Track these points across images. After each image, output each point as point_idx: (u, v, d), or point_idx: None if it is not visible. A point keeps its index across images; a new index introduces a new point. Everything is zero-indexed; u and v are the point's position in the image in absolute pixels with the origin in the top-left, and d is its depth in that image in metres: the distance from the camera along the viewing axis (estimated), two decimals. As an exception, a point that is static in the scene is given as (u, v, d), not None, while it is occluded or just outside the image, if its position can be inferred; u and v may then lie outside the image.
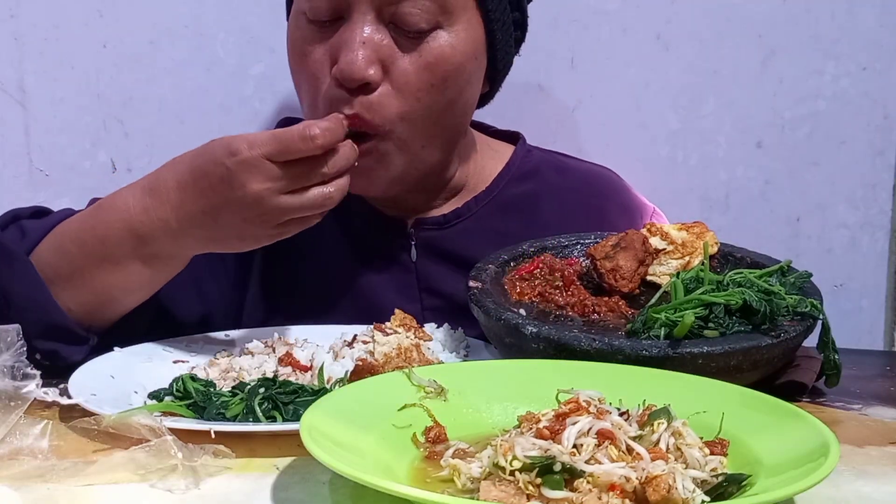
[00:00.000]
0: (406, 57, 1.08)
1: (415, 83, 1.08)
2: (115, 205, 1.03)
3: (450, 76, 1.10)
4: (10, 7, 1.40)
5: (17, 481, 0.73)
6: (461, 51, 1.10)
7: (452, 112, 1.13)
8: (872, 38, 1.56)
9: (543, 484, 0.64)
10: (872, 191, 1.60)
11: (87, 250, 1.03)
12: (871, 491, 0.74)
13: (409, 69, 1.08)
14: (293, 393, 0.89)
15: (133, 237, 1.01)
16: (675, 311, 0.92)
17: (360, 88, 1.07)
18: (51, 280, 1.02)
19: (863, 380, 1.06)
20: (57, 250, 1.04)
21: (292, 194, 0.97)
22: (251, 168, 0.95)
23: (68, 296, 1.03)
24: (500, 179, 1.25)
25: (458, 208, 1.23)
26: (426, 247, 1.22)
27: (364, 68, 1.05)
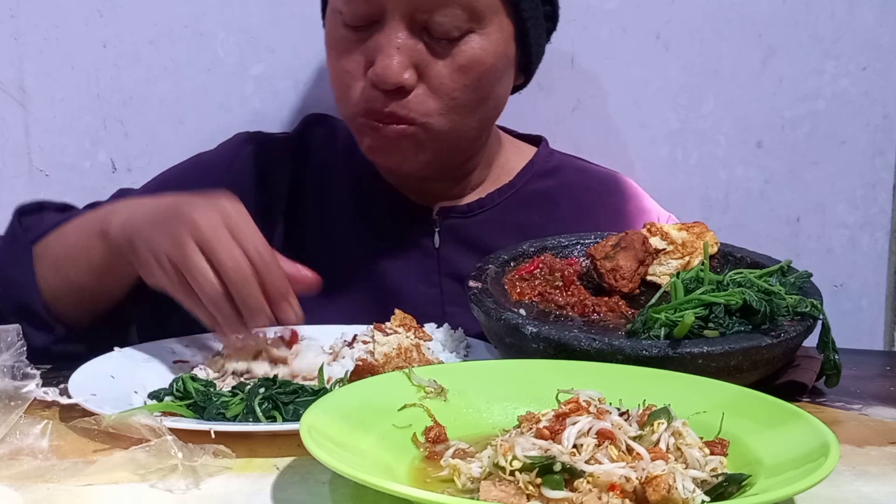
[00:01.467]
0: (439, 62, 1.12)
1: (449, 85, 1.12)
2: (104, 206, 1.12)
3: (483, 76, 1.14)
4: (10, 7, 1.40)
5: (17, 481, 0.73)
6: (493, 52, 1.14)
7: (486, 106, 1.18)
8: (872, 37, 1.56)
9: (543, 484, 0.64)
10: (872, 191, 1.60)
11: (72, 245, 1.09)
12: (871, 491, 0.74)
13: (442, 72, 1.12)
14: (293, 393, 0.89)
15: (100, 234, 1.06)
16: (675, 311, 0.92)
17: (396, 91, 1.11)
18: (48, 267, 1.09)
19: (863, 380, 1.06)
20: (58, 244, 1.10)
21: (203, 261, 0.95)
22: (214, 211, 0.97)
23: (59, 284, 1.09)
24: (523, 175, 1.30)
25: (481, 198, 1.27)
26: (449, 234, 1.25)
27: (399, 73, 1.09)
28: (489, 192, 1.28)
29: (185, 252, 0.94)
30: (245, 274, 0.94)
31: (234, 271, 0.93)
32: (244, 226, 0.96)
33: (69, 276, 1.08)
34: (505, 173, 1.30)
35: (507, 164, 1.31)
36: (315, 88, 1.47)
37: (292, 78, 1.47)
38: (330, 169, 1.28)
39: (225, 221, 0.95)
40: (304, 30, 1.46)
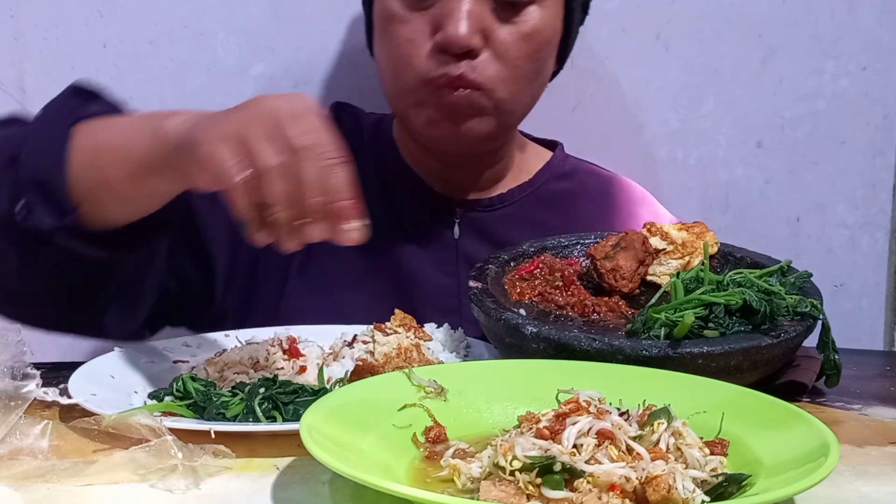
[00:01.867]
0: (505, 28, 1.15)
1: (514, 52, 1.16)
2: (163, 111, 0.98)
3: (542, 48, 1.19)
4: (10, 7, 1.40)
5: (17, 481, 0.73)
6: (550, 25, 1.19)
7: (538, 82, 1.22)
8: (872, 37, 1.56)
9: (543, 484, 0.64)
10: (872, 191, 1.61)
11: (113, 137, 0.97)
12: (871, 491, 0.74)
13: (507, 39, 1.15)
14: (293, 393, 0.89)
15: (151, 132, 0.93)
16: (675, 311, 0.92)
17: (465, 55, 1.13)
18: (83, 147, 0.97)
19: (863, 380, 1.06)
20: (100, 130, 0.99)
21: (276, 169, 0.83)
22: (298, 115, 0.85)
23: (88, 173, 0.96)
24: (542, 175, 1.33)
25: (502, 194, 1.30)
26: (469, 226, 1.27)
27: (470, 36, 1.12)
28: (510, 189, 1.30)
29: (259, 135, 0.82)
30: (322, 151, 0.83)
31: (306, 147, 0.82)
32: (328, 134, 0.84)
33: (102, 168, 0.95)
34: (524, 172, 1.33)
35: (525, 162, 1.34)
36: (315, 88, 1.47)
37: (292, 78, 1.47)
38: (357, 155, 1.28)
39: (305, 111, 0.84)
40: (304, 30, 1.46)
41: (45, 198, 0.95)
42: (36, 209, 0.95)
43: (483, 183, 1.30)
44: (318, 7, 1.46)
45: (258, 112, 0.85)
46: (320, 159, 0.82)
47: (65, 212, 0.95)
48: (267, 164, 0.81)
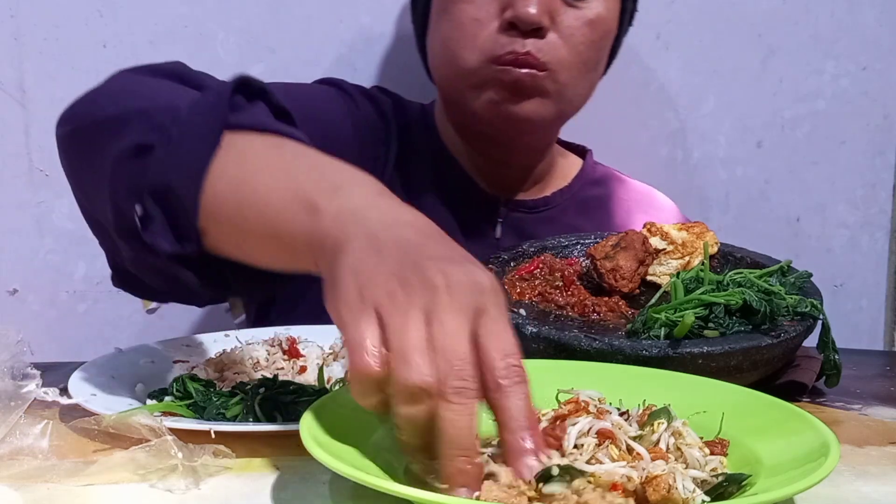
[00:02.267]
0: (571, 12, 1.18)
1: (578, 36, 1.18)
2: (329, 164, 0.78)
3: (603, 37, 1.22)
4: (10, 7, 1.40)
5: (17, 481, 0.73)
6: (612, 17, 1.22)
7: (595, 74, 1.25)
8: (872, 37, 1.56)
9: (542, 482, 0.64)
10: (872, 191, 1.61)
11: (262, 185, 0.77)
12: (871, 491, 0.74)
13: (574, 23, 1.18)
14: (293, 393, 0.89)
15: (310, 207, 0.72)
16: (675, 311, 0.92)
17: (532, 32, 1.15)
18: (226, 177, 0.79)
19: (863, 380, 1.06)
20: (252, 169, 0.79)
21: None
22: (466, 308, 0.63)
23: (223, 202, 0.78)
24: (578, 181, 1.36)
25: (546, 196, 1.33)
26: (512, 227, 1.29)
27: (540, 14, 1.14)
28: (552, 192, 1.33)
29: (406, 314, 0.62)
30: (468, 392, 0.61)
31: (454, 388, 0.60)
32: (499, 322, 0.64)
33: (238, 207, 0.77)
34: (561, 177, 1.36)
35: (562, 168, 1.37)
36: (315, 88, 1.47)
37: (292, 78, 1.46)
38: (407, 143, 1.30)
39: (477, 307, 0.63)
40: (304, 30, 1.46)
41: (169, 215, 0.80)
42: (155, 223, 0.80)
43: (524, 184, 1.32)
44: (318, 7, 1.46)
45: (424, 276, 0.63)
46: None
47: (186, 238, 0.80)
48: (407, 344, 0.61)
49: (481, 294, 0.63)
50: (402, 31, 1.49)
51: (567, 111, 1.24)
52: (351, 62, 1.47)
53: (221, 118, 0.81)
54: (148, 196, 0.79)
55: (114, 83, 0.93)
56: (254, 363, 0.99)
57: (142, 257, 0.83)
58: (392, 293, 0.62)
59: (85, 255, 1.45)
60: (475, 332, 0.62)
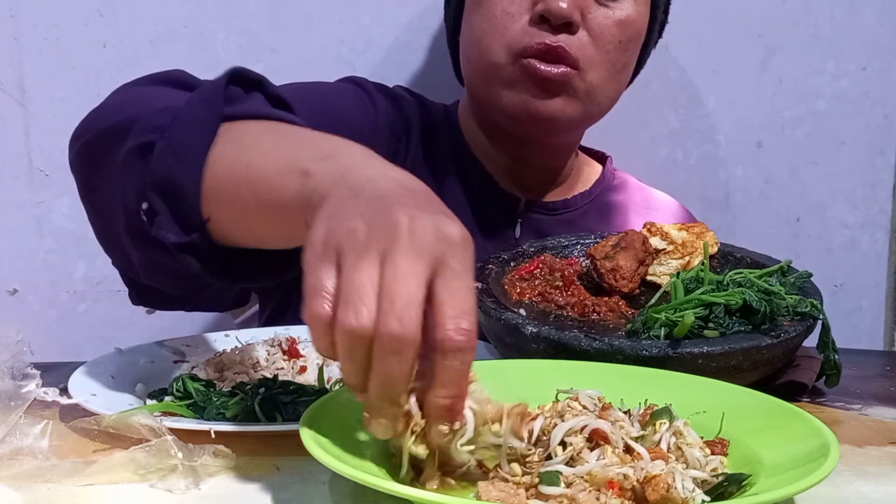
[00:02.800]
0: (601, 10, 1.19)
1: (608, 36, 1.19)
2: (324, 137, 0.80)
3: (632, 39, 1.22)
4: (10, 7, 1.40)
5: (17, 481, 0.73)
6: (641, 20, 1.23)
7: (624, 75, 1.25)
8: (872, 38, 1.56)
9: (540, 482, 0.65)
10: (872, 191, 1.61)
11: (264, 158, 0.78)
12: (871, 491, 0.74)
13: (603, 22, 1.18)
14: (293, 393, 0.89)
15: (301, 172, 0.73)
16: (675, 311, 0.92)
17: (562, 27, 1.16)
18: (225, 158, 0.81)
19: (863, 380, 1.06)
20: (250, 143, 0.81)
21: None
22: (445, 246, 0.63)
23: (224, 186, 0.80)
24: (598, 185, 1.37)
25: (566, 199, 1.33)
26: (531, 227, 1.29)
27: (572, 9, 1.15)
28: (573, 196, 1.34)
29: (361, 253, 0.62)
30: (404, 341, 0.60)
31: (394, 328, 0.60)
32: (459, 276, 0.62)
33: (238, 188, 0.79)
34: (581, 181, 1.36)
35: (582, 172, 1.38)
36: (315, 88, 1.47)
37: (292, 78, 1.46)
38: (429, 141, 1.31)
39: (438, 257, 0.62)
40: (304, 30, 1.46)
41: (173, 206, 0.81)
42: (160, 216, 0.82)
43: (545, 185, 1.33)
44: (318, 7, 1.46)
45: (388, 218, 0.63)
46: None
47: (191, 227, 0.81)
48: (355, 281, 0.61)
49: (447, 245, 0.62)
50: (403, 31, 1.49)
51: (594, 113, 1.24)
52: (351, 62, 1.47)
53: (218, 109, 0.83)
54: (152, 191, 0.81)
55: (116, 97, 0.94)
56: (254, 363, 0.99)
57: (152, 257, 0.84)
58: (353, 232, 0.62)
59: (85, 255, 1.45)
60: (431, 282, 0.61)
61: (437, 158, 1.29)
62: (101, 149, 0.88)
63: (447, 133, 1.31)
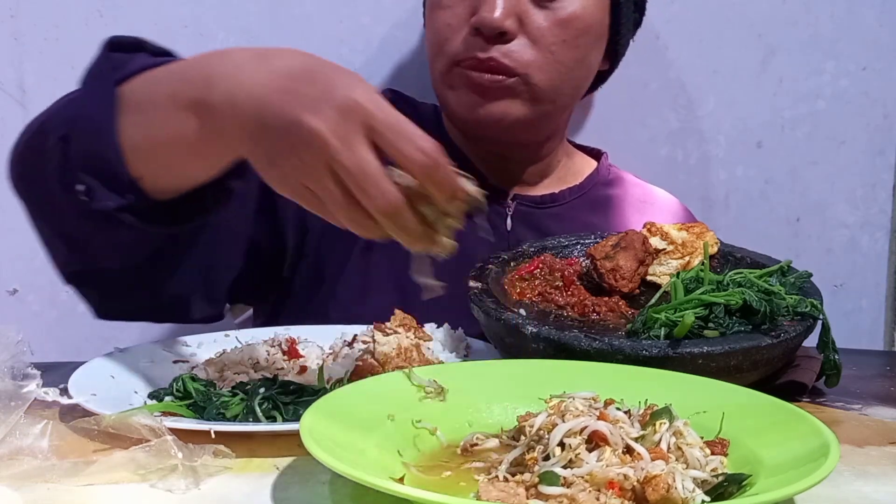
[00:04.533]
0: (541, 13, 1.18)
1: (549, 37, 1.18)
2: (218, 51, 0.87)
3: (581, 35, 1.20)
4: (10, 7, 1.40)
5: (17, 481, 0.73)
6: (591, 13, 1.20)
7: (579, 71, 1.24)
8: (872, 38, 1.56)
9: (540, 482, 0.65)
10: (872, 191, 1.61)
11: (164, 84, 0.88)
12: (871, 491, 0.74)
13: (543, 24, 1.17)
14: (293, 393, 0.89)
15: (204, 78, 0.83)
16: (675, 311, 0.92)
17: (497, 37, 1.16)
18: (130, 117, 0.88)
19: (863, 380, 1.06)
20: (146, 94, 0.89)
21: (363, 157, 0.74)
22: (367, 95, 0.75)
23: (140, 142, 0.87)
24: (590, 180, 1.36)
25: (553, 193, 1.33)
26: (521, 220, 1.29)
27: (503, 18, 1.14)
28: (561, 190, 1.33)
29: (356, 149, 0.73)
30: (437, 162, 0.75)
31: (423, 165, 0.74)
32: (389, 124, 0.75)
33: (153, 136, 0.87)
34: (572, 175, 1.36)
35: (573, 166, 1.37)
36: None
37: (292, 78, 1.47)
38: None
39: (364, 122, 0.74)
40: (304, 30, 1.46)
41: (103, 176, 0.88)
42: (97, 191, 0.88)
43: (531, 179, 1.33)
44: (318, 7, 1.46)
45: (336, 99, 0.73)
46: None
47: (125, 188, 0.88)
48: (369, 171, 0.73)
49: (363, 114, 0.74)
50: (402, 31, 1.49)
51: (550, 111, 1.24)
52: (351, 62, 1.47)
53: (109, 79, 0.89)
54: (81, 172, 0.87)
55: (32, 122, 0.98)
56: (254, 363, 0.99)
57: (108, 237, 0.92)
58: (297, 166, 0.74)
59: (85, 255, 1.45)
60: (374, 146, 0.74)
61: None
62: (31, 160, 0.94)
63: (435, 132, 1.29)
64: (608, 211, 1.35)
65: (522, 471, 0.68)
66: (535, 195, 1.32)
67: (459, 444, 0.77)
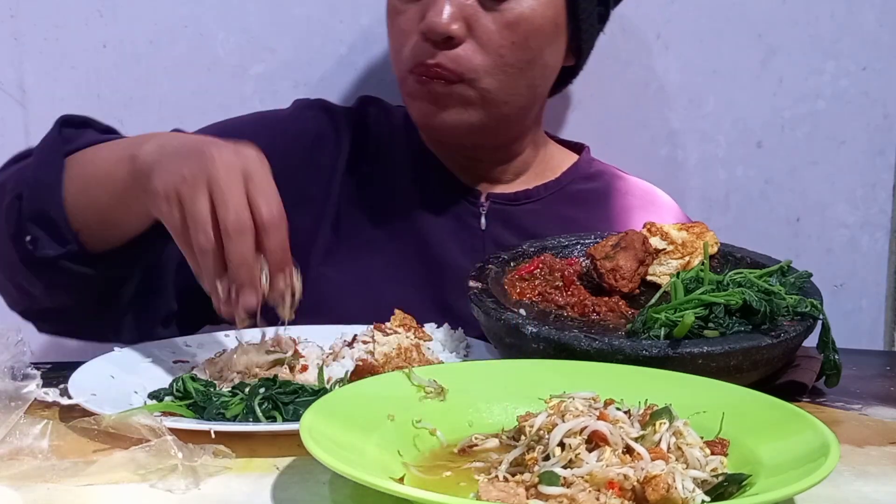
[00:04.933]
0: (489, 15, 1.16)
1: (497, 40, 1.16)
2: (143, 134, 1.08)
3: (530, 36, 1.17)
4: (10, 7, 1.40)
5: (17, 481, 0.73)
6: (541, 14, 1.18)
7: (532, 72, 1.21)
8: (872, 38, 1.56)
9: (541, 482, 0.65)
10: (872, 191, 1.60)
11: (102, 164, 1.05)
12: (871, 491, 0.74)
13: (491, 27, 1.16)
14: (293, 393, 0.89)
15: (129, 157, 1.01)
16: (675, 311, 0.92)
17: (445, 43, 1.15)
18: (75, 179, 1.06)
19: (863, 380, 1.06)
20: (89, 160, 1.07)
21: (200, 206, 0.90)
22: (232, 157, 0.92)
23: (81, 199, 1.05)
24: (569, 174, 1.34)
25: (528, 189, 1.31)
26: (496, 218, 1.29)
27: (448, 23, 1.13)
28: (536, 186, 1.32)
29: (194, 189, 0.90)
30: (243, 226, 0.89)
31: (233, 220, 0.88)
32: (262, 180, 0.91)
33: (93, 196, 1.05)
34: (549, 170, 1.34)
35: (551, 161, 1.36)
36: (315, 88, 1.47)
37: (292, 78, 1.47)
38: (387, 144, 1.32)
39: (244, 170, 0.91)
40: (304, 30, 1.46)
41: (48, 230, 1.05)
42: (41, 241, 1.04)
43: (504, 176, 1.31)
44: (318, 7, 1.46)
45: (200, 159, 0.91)
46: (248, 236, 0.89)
47: (66, 240, 1.05)
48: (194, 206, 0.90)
49: (246, 159, 0.92)
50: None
51: (504, 112, 1.22)
52: (351, 62, 1.47)
53: (59, 150, 1.08)
54: (30, 224, 1.04)
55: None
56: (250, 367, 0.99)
57: (49, 280, 1.07)
58: (182, 179, 0.91)
59: (85, 255, 1.45)
60: (248, 189, 0.90)
61: (396, 161, 1.31)
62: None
63: (407, 135, 1.31)
64: (588, 205, 1.33)
65: (522, 471, 0.68)
66: (509, 192, 1.31)
67: (459, 444, 0.77)
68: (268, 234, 0.90)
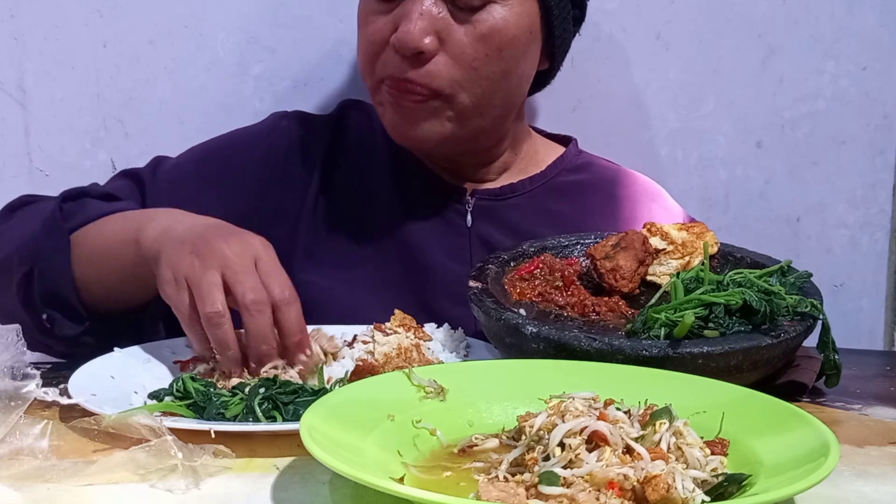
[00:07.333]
0: (461, 28, 1.14)
1: (470, 53, 1.14)
2: (145, 212, 1.15)
3: (504, 47, 1.15)
4: (10, 7, 1.40)
5: (17, 481, 0.73)
6: (514, 24, 1.15)
7: (507, 83, 1.19)
8: (872, 38, 1.56)
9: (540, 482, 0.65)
10: (872, 191, 1.60)
11: (107, 243, 1.11)
12: (871, 491, 0.74)
13: (463, 40, 1.14)
14: (293, 393, 0.89)
15: (135, 241, 1.07)
16: (675, 311, 0.92)
17: (416, 57, 1.13)
18: (83, 258, 1.12)
19: (863, 380, 1.06)
20: (94, 240, 1.13)
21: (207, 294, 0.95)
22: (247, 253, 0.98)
23: (91, 276, 1.12)
24: (554, 167, 1.33)
25: (513, 183, 1.30)
26: (481, 215, 1.27)
27: (419, 38, 1.11)
28: (520, 179, 1.30)
29: (206, 276, 0.94)
30: (262, 301, 0.94)
31: (252, 297, 0.94)
32: (270, 263, 0.98)
33: (100, 272, 1.11)
34: (534, 164, 1.33)
35: (536, 154, 1.34)
36: (315, 88, 1.47)
37: (292, 78, 1.47)
38: (367, 147, 1.31)
39: (254, 257, 0.97)
40: (304, 30, 1.46)
41: (62, 310, 1.12)
42: (58, 321, 1.12)
43: (489, 174, 1.30)
44: (318, 7, 1.46)
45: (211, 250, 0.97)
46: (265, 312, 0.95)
47: (82, 318, 1.12)
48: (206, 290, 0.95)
49: (254, 247, 0.98)
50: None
51: (479, 124, 1.20)
52: (351, 62, 1.47)
53: (64, 230, 1.13)
54: (43, 305, 1.11)
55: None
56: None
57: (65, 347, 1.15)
58: (191, 265, 0.96)
59: (85, 255, 1.45)
60: (258, 272, 0.96)
61: (378, 162, 1.29)
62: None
63: (387, 137, 1.28)
64: (573, 197, 1.31)
65: (522, 471, 0.68)
66: (493, 188, 1.29)
67: (459, 444, 0.77)
68: (282, 311, 0.95)
